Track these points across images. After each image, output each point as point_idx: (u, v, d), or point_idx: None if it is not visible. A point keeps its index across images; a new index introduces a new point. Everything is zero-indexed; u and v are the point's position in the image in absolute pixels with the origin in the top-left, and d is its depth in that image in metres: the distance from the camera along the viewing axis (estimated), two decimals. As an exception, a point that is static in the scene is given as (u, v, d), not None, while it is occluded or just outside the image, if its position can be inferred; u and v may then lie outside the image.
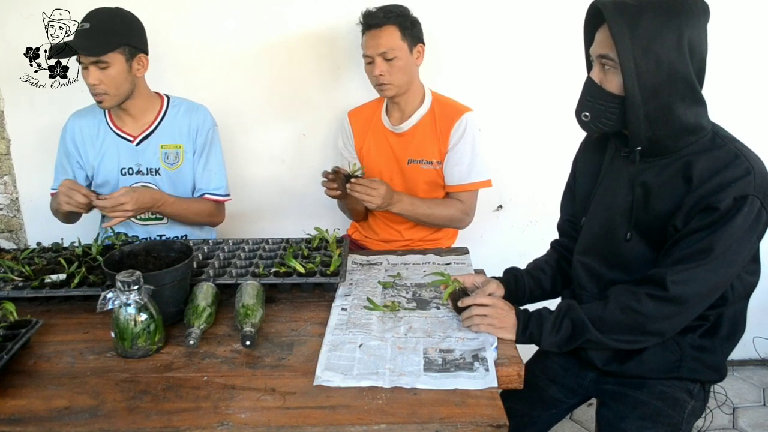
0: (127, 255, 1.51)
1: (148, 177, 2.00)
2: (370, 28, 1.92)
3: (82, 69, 1.82)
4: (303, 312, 1.51)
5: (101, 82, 1.81)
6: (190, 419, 1.10)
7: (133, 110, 1.95)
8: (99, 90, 1.82)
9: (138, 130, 1.98)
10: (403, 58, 1.91)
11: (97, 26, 1.78)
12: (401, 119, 2.05)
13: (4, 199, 2.44)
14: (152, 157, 1.99)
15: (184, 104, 2.03)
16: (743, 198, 1.18)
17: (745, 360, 2.71)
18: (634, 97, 1.20)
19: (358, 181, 1.83)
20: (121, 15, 1.84)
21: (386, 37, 1.89)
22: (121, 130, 1.98)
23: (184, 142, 2.00)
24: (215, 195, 2.05)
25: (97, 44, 1.77)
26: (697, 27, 1.18)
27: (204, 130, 2.02)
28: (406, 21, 1.92)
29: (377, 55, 1.90)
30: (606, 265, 1.41)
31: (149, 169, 1.99)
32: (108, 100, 1.85)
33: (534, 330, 1.35)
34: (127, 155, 1.98)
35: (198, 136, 2.01)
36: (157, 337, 1.32)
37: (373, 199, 1.83)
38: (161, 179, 2.00)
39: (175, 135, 2.00)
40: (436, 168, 2.03)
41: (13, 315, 1.39)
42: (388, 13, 1.90)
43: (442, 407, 1.11)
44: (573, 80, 1.47)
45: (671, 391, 1.37)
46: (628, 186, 1.34)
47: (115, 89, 1.84)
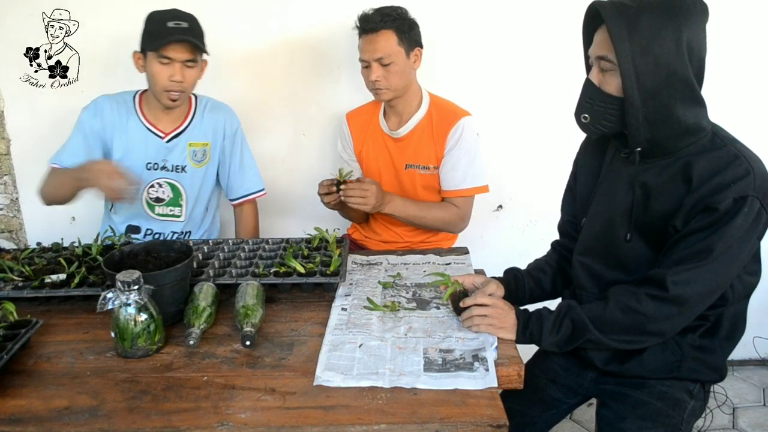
0: (127, 255, 1.51)
1: (172, 173, 2.01)
2: (366, 33, 1.89)
3: (160, 65, 1.80)
4: (303, 312, 1.51)
5: (185, 80, 1.82)
6: (190, 419, 1.10)
7: (176, 109, 1.96)
8: (180, 88, 1.83)
9: (170, 127, 1.98)
10: (399, 63, 1.89)
11: (194, 26, 1.81)
12: (399, 124, 2.03)
13: (4, 199, 2.44)
14: (180, 155, 2.00)
15: (209, 102, 2.05)
16: (743, 198, 1.18)
17: (745, 360, 2.71)
18: (633, 98, 1.20)
19: (349, 185, 1.81)
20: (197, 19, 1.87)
21: (383, 42, 1.86)
22: (153, 125, 1.97)
23: (211, 140, 2.03)
24: (254, 193, 2.15)
25: (201, 43, 1.80)
26: (696, 27, 1.18)
27: (232, 131, 2.06)
28: (404, 25, 1.88)
29: (373, 60, 1.88)
30: (606, 265, 1.41)
31: (175, 166, 2.00)
32: (182, 98, 1.88)
33: (534, 330, 1.35)
34: (154, 151, 1.98)
35: (226, 137, 2.05)
36: (157, 337, 1.32)
37: (367, 200, 1.82)
38: (185, 176, 2.02)
39: (203, 133, 2.02)
40: (432, 173, 2.02)
41: (13, 315, 1.39)
42: (385, 17, 1.86)
43: (442, 407, 1.11)
44: (573, 80, 1.47)
45: (671, 391, 1.37)
46: (628, 186, 1.34)
47: (191, 88, 1.88)
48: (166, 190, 2.02)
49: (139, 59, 1.86)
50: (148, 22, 1.83)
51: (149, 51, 1.81)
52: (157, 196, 2.02)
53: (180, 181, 2.02)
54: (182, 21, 1.79)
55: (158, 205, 2.04)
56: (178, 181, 2.02)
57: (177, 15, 1.81)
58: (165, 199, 2.03)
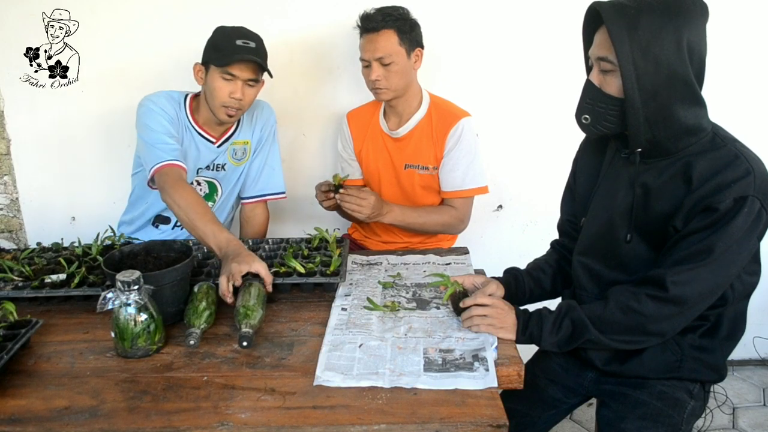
0: (127, 255, 1.51)
1: (212, 172, 2.00)
2: (367, 32, 1.89)
3: (223, 80, 1.77)
4: (303, 312, 1.51)
5: (245, 98, 1.82)
6: (190, 419, 1.10)
7: None
8: (239, 105, 1.83)
9: (220, 132, 1.97)
10: (400, 63, 1.89)
11: (259, 47, 1.81)
12: (398, 124, 2.04)
13: (4, 199, 2.44)
14: (223, 154, 2.00)
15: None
16: (743, 199, 1.18)
17: (745, 360, 2.71)
18: (633, 99, 1.20)
19: (347, 191, 1.82)
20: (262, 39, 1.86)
21: (383, 42, 1.86)
22: (204, 130, 1.95)
23: (251, 138, 2.03)
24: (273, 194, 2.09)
25: (265, 63, 1.81)
26: (696, 28, 1.18)
27: (269, 126, 2.05)
28: (405, 25, 1.88)
29: (374, 60, 1.88)
30: (606, 265, 1.41)
31: (216, 165, 2.00)
32: (238, 114, 1.87)
33: (534, 330, 1.35)
34: (207, 155, 1.97)
35: (262, 132, 2.03)
36: (157, 337, 1.32)
37: (362, 209, 1.82)
38: (223, 174, 2.01)
39: (245, 132, 2.02)
40: (432, 173, 2.02)
41: (13, 315, 1.39)
42: (387, 16, 1.86)
43: (442, 407, 1.11)
44: (573, 81, 1.47)
45: (671, 391, 1.37)
46: (628, 186, 1.34)
47: (247, 107, 1.87)
48: (203, 187, 2.01)
49: (199, 71, 1.85)
50: (215, 35, 1.82)
51: (214, 65, 1.79)
52: None
53: (218, 179, 2.01)
54: (251, 41, 1.79)
55: None
56: (215, 179, 2.01)
57: (245, 34, 1.80)
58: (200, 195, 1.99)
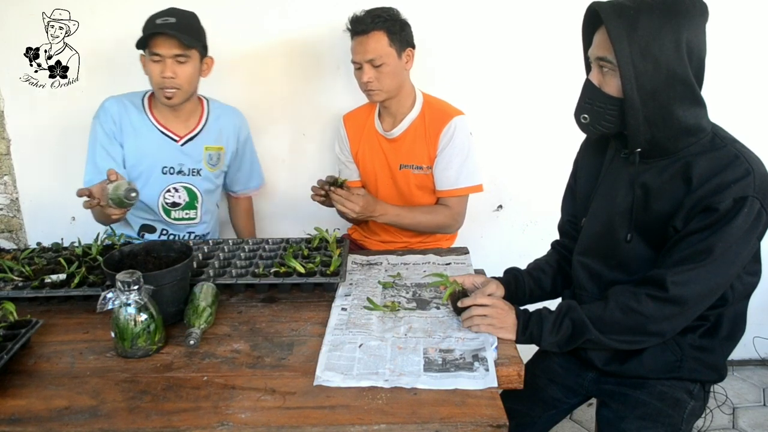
0: (127, 255, 1.51)
1: (188, 177, 2.01)
2: (357, 35, 1.89)
3: (152, 62, 1.80)
4: (303, 312, 1.51)
5: (177, 76, 1.80)
6: (190, 419, 1.10)
7: (184, 111, 1.96)
8: (173, 84, 1.81)
9: (183, 130, 1.98)
10: (391, 63, 1.88)
11: (182, 21, 1.80)
12: (393, 125, 2.03)
13: (4, 199, 2.44)
14: (196, 158, 2.00)
15: (221, 107, 2.06)
16: (743, 199, 1.18)
17: (745, 360, 2.71)
18: (632, 99, 1.20)
19: (338, 191, 1.82)
20: (196, 16, 1.87)
21: (374, 44, 1.86)
22: (165, 128, 1.96)
23: (224, 145, 2.04)
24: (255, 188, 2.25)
25: (186, 37, 1.78)
26: (696, 28, 1.18)
27: (243, 137, 2.10)
28: (395, 25, 1.88)
29: (365, 62, 1.88)
30: (606, 265, 1.41)
31: (191, 170, 2.00)
32: (178, 96, 1.85)
33: (534, 330, 1.35)
34: (170, 154, 1.97)
35: (239, 143, 2.08)
36: (157, 337, 1.32)
37: (353, 206, 1.82)
38: (199, 180, 2.02)
39: (217, 137, 2.03)
40: (426, 173, 2.02)
41: (13, 315, 1.39)
42: (376, 18, 1.85)
43: (442, 407, 1.11)
44: (573, 80, 1.47)
45: (671, 391, 1.37)
46: (628, 187, 1.34)
47: (188, 85, 1.86)
48: (182, 194, 2.02)
49: (143, 62, 1.87)
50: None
51: (142, 51, 1.82)
52: (173, 200, 2.01)
53: (194, 184, 2.02)
54: (171, 17, 1.79)
55: (174, 209, 2.02)
56: (193, 184, 2.02)
57: (167, 12, 1.81)
58: (181, 203, 2.02)
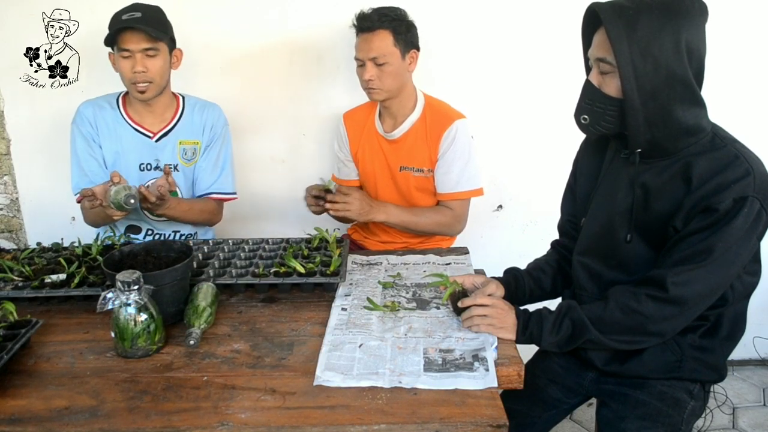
0: (127, 255, 1.51)
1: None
2: (362, 31, 1.88)
3: (122, 59, 1.81)
4: (303, 312, 1.51)
5: (148, 70, 1.81)
6: (190, 419, 1.10)
7: (158, 106, 1.96)
8: (145, 78, 1.82)
9: (158, 126, 1.98)
10: (394, 63, 1.88)
11: (148, 15, 1.81)
12: (394, 126, 2.03)
13: (4, 199, 2.44)
14: (171, 154, 1.99)
15: (199, 102, 2.05)
16: (743, 199, 1.18)
17: (745, 360, 2.71)
18: (632, 100, 1.20)
19: (331, 197, 1.81)
20: (161, 10, 1.88)
21: (378, 42, 1.85)
22: (139, 125, 1.96)
23: (200, 138, 2.02)
24: (222, 194, 2.06)
25: (154, 30, 1.79)
26: (696, 28, 1.18)
27: (218, 127, 2.04)
28: (401, 26, 1.87)
29: (368, 60, 1.87)
30: (606, 265, 1.41)
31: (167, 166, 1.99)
32: (151, 89, 1.86)
33: (534, 330, 1.35)
34: (146, 151, 1.97)
35: (211, 132, 2.03)
36: (157, 337, 1.32)
37: (351, 206, 1.82)
38: (178, 175, 2.01)
39: (192, 131, 2.01)
40: (426, 175, 2.01)
41: (13, 315, 1.39)
42: (383, 16, 1.85)
43: (442, 407, 1.11)
44: (573, 81, 1.47)
45: (671, 391, 1.37)
46: (628, 187, 1.34)
47: (160, 78, 1.86)
48: None
49: (113, 60, 1.87)
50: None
51: (111, 49, 1.84)
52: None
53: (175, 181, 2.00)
54: (136, 12, 1.80)
55: None
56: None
57: (133, 7, 1.82)
58: None
